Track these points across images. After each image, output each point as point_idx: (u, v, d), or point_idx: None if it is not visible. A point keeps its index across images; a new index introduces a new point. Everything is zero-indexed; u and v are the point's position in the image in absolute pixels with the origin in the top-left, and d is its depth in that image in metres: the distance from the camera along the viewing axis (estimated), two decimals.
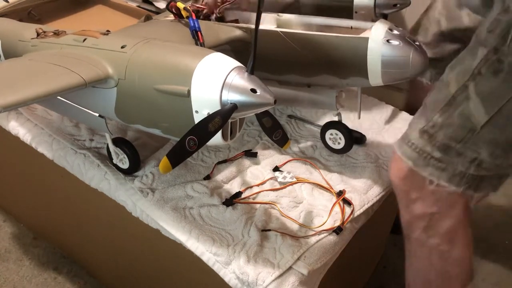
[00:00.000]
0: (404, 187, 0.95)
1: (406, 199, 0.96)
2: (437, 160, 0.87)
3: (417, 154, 0.89)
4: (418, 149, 0.89)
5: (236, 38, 1.04)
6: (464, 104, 0.83)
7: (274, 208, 1.04)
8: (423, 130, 0.88)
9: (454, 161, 0.86)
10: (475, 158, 0.85)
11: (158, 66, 0.84)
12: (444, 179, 0.88)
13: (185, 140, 0.80)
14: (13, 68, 0.92)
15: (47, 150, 1.18)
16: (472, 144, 0.84)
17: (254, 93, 0.79)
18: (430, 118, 0.87)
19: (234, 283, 0.94)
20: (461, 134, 0.84)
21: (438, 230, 0.95)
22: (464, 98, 0.83)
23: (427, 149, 0.88)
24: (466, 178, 0.87)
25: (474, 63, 0.82)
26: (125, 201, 1.07)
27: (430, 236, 0.97)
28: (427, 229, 0.96)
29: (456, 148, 0.85)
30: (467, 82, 0.83)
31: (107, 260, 1.37)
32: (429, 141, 0.87)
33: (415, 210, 0.96)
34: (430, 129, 0.87)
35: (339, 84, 1.03)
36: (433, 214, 0.94)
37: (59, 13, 1.37)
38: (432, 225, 0.95)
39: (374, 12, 1.13)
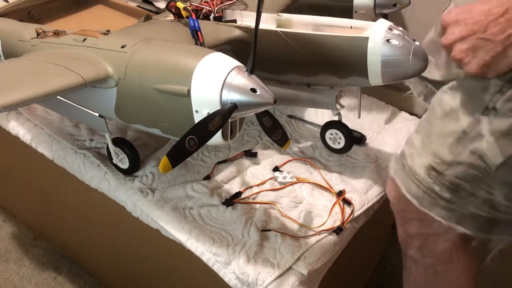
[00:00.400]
0: (399, 206, 0.90)
1: (402, 218, 0.92)
2: (446, 200, 0.80)
3: (423, 193, 0.82)
4: (425, 188, 0.81)
5: (236, 38, 1.04)
6: (477, 141, 0.75)
7: (274, 208, 1.04)
8: (430, 166, 0.80)
9: (463, 201, 0.79)
10: (487, 200, 0.78)
11: (158, 66, 0.84)
12: (453, 220, 0.81)
13: (185, 140, 0.79)
14: (13, 68, 0.92)
15: (47, 150, 1.18)
16: (485, 185, 0.77)
17: (254, 92, 0.79)
18: (437, 153, 0.80)
19: (234, 283, 0.94)
20: (473, 174, 0.77)
21: (433, 251, 0.91)
22: (476, 134, 0.75)
23: (435, 188, 0.80)
24: (477, 220, 0.80)
25: (487, 96, 0.73)
26: (125, 201, 1.07)
27: (425, 256, 0.92)
28: (421, 249, 0.92)
29: (467, 188, 0.78)
30: (480, 116, 0.74)
31: (107, 260, 1.37)
32: (436, 179, 0.80)
33: (410, 229, 0.91)
34: (438, 166, 0.79)
35: (339, 83, 1.03)
36: (428, 235, 0.89)
37: (59, 13, 1.37)
38: (427, 245, 0.91)
39: (374, 12, 1.13)
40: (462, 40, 0.70)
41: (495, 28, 0.67)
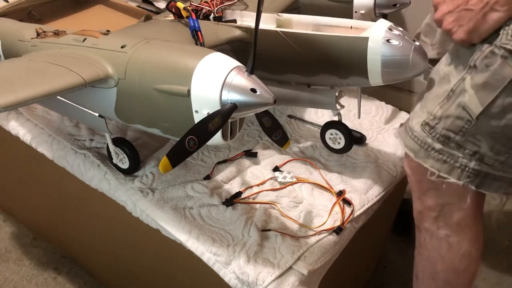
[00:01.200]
0: (416, 177, 0.97)
1: (418, 189, 0.98)
2: (438, 152, 0.89)
3: (418, 146, 0.91)
4: (419, 141, 0.91)
5: (236, 38, 1.04)
6: (461, 96, 0.85)
7: (274, 208, 1.04)
8: (424, 122, 0.90)
9: (454, 153, 0.88)
10: (475, 152, 0.87)
11: (158, 66, 0.84)
12: (445, 171, 0.89)
13: (185, 140, 0.79)
14: (13, 68, 0.92)
15: (47, 150, 1.18)
16: (471, 136, 0.86)
17: (254, 92, 0.79)
18: (430, 110, 0.89)
19: (234, 283, 0.94)
20: (459, 125, 0.86)
21: (448, 221, 0.97)
22: (461, 90, 0.85)
23: (428, 141, 0.90)
24: (467, 172, 0.88)
25: (471, 57, 0.84)
26: (125, 201, 1.07)
27: (440, 227, 0.98)
28: (437, 220, 0.98)
29: (456, 139, 0.87)
30: (465, 75, 0.85)
31: (107, 260, 1.37)
32: (429, 133, 0.89)
33: (427, 200, 0.97)
34: (430, 121, 0.89)
35: (339, 83, 1.03)
36: (444, 205, 0.96)
37: (59, 13, 1.37)
38: (443, 216, 0.97)
39: (374, 12, 1.13)
40: (449, 13, 0.84)
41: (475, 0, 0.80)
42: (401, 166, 1.18)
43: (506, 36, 0.79)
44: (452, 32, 0.84)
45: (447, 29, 0.85)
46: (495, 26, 0.80)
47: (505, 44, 0.79)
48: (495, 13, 0.79)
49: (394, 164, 1.18)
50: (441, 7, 0.85)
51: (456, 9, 0.83)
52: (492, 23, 0.80)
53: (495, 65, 0.80)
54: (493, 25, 0.80)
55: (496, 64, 0.80)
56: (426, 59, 0.93)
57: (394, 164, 1.18)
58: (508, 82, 0.80)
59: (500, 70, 0.80)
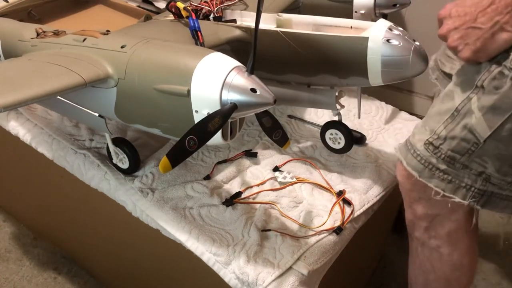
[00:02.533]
0: (407, 186, 0.95)
1: (409, 198, 0.97)
2: (443, 172, 0.86)
3: (422, 166, 0.88)
4: (423, 161, 0.88)
5: (236, 38, 1.04)
6: (467, 117, 0.82)
7: (274, 208, 1.04)
8: (428, 141, 0.87)
9: (460, 173, 0.86)
10: (481, 172, 0.84)
11: (158, 66, 0.83)
12: (450, 191, 0.87)
13: (185, 140, 0.79)
14: (13, 68, 0.92)
15: (47, 150, 1.18)
16: (477, 157, 0.83)
17: (254, 92, 0.79)
18: (434, 129, 0.87)
19: (234, 283, 0.94)
20: (465, 147, 0.83)
21: (439, 232, 0.96)
22: (467, 111, 0.82)
23: (433, 161, 0.87)
24: (473, 191, 0.86)
25: (477, 75, 0.81)
26: (125, 201, 1.07)
27: (431, 237, 0.97)
28: (428, 230, 0.97)
29: (461, 160, 0.85)
30: (471, 94, 0.82)
31: (107, 260, 1.37)
32: (434, 153, 0.87)
33: (417, 210, 0.96)
34: (435, 141, 0.86)
35: (339, 83, 1.03)
36: (434, 216, 0.94)
37: (59, 13, 1.37)
38: (433, 226, 0.96)
39: (374, 12, 1.13)
40: (455, 29, 0.80)
41: (484, 18, 0.77)
42: None
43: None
44: (458, 50, 0.81)
45: (452, 46, 0.81)
46: (505, 46, 0.77)
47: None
48: (505, 33, 0.76)
49: (394, 164, 1.18)
50: (447, 22, 0.81)
51: (462, 26, 0.79)
52: (502, 43, 0.77)
53: (505, 88, 0.77)
54: (503, 45, 0.77)
55: (505, 86, 0.77)
56: (426, 59, 0.93)
57: (394, 164, 1.18)
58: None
59: (510, 93, 0.77)
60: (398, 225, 1.53)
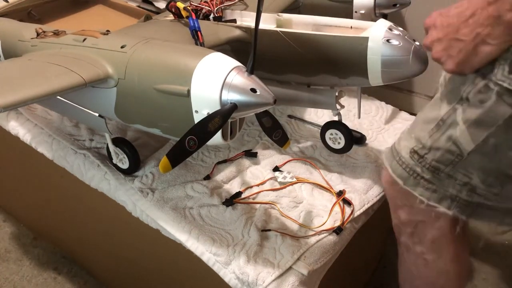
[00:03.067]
0: (391, 192, 0.94)
1: (394, 204, 0.96)
2: (427, 181, 0.85)
3: (407, 174, 0.87)
4: (408, 169, 0.87)
5: (236, 38, 1.04)
6: (452, 128, 0.81)
7: (274, 208, 1.04)
8: (413, 150, 0.86)
9: (444, 183, 0.84)
10: (466, 183, 0.83)
11: (157, 66, 0.83)
12: (435, 200, 0.86)
13: (185, 140, 0.79)
14: (13, 68, 0.92)
15: (47, 150, 1.18)
16: (461, 168, 0.82)
17: (254, 92, 0.79)
18: (419, 138, 0.85)
19: (234, 283, 0.94)
20: (449, 158, 0.82)
21: (422, 239, 0.94)
22: (452, 121, 0.81)
23: (417, 169, 0.86)
24: (458, 201, 0.84)
25: (463, 86, 0.79)
26: (125, 201, 1.07)
27: (415, 243, 0.95)
28: (412, 236, 0.95)
29: (446, 171, 0.83)
30: (456, 105, 0.80)
31: (107, 260, 1.37)
32: (419, 162, 0.85)
33: (401, 216, 0.94)
34: (419, 150, 0.85)
35: (339, 83, 1.03)
36: (418, 222, 0.93)
37: (59, 13, 1.37)
38: (417, 232, 0.94)
39: (374, 12, 1.13)
40: (439, 40, 0.77)
41: (466, 29, 0.73)
42: None
43: (502, 71, 0.73)
44: (442, 61, 0.77)
45: (436, 57, 0.78)
46: (488, 59, 0.74)
47: (501, 81, 0.73)
48: (487, 46, 0.72)
49: None
50: (431, 33, 0.78)
51: (445, 37, 0.76)
52: (484, 56, 0.73)
53: (490, 102, 0.75)
54: (485, 58, 0.73)
55: (490, 101, 0.75)
56: (426, 59, 0.93)
57: None
58: (502, 121, 0.75)
59: (495, 107, 0.75)
60: None
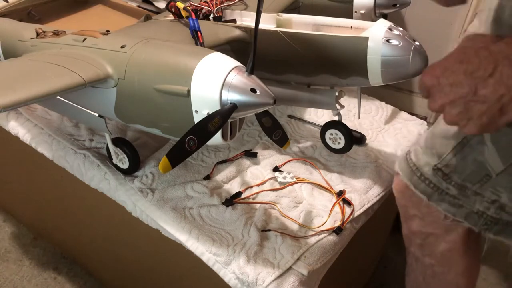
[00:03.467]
0: (403, 201, 0.93)
1: (405, 214, 0.95)
2: (453, 197, 0.82)
3: (431, 190, 0.84)
4: (432, 185, 0.84)
5: (236, 38, 1.04)
6: (479, 149, 0.78)
7: (274, 208, 1.04)
8: (436, 167, 0.83)
9: (471, 199, 0.81)
10: (495, 200, 0.80)
11: (157, 66, 0.83)
12: (461, 216, 0.83)
13: (185, 140, 0.79)
14: (13, 68, 0.92)
15: (47, 150, 1.18)
16: (490, 187, 0.79)
17: (254, 93, 0.79)
18: (442, 155, 0.82)
19: (234, 283, 0.94)
20: (477, 178, 0.80)
21: (433, 251, 0.93)
22: (478, 142, 0.78)
23: (443, 186, 0.83)
24: (485, 218, 0.82)
25: None
26: (125, 201, 1.07)
27: (425, 255, 0.95)
28: (422, 247, 0.94)
29: (473, 188, 0.81)
30: None
31: (107, 260, 1.37)
32: (444, 179, 0.83)
33: (412, 226, 0.94)
34: (444, 168, 0.82)
35: (339, 83, 1.03)
36: (428, 234, 0.92)
37: (59, 13, 1.37)
38: (427, 244, 0.93)
39: (374, 12, 1.13)
40: (452, 104, 0.66)
41: (487, 90, 0.63)
42: None
43: None
44: (461, 126, 0.67)
45: (452, 122, 0.68)
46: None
47: None
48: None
49: (394, 164, 1.18)
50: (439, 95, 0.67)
51: (459, 100, 0.65)
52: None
53: None
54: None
55: None
56: (426, 59, 0.93)
57: (394, 164, 1.18)
58: None
59: None
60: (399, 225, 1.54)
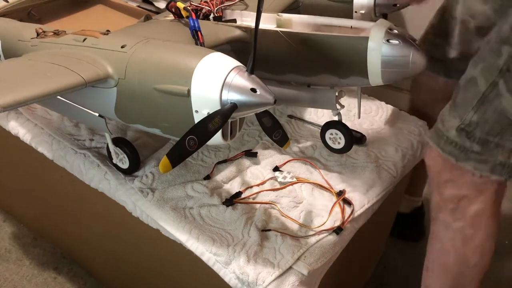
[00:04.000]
0: (436, 168, 0.99)
1: (438, 181, 1.01)
2: (478, 153, 0.92)
3: (458, 151, 0.94)
4: (458, 146, 0.93)
5: (236, 38, 1.04)
6: (497, 100, 0.87)
7: (274, 208, 1.04)
8: (459, 128, 0.92)
9: (494, 152, 0.91)
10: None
11: (158, 65, 0.84)
12: (487, 170, 0.92)
13: (185, 140, 0.79)
14: (13, 68, 0.92)
15: (47, 150, 1.18)
16: (509, 136, 0.89)
17: (254, 92, 0.79)
18: (464, 116, 0.92)
19: (234, 283, 0.94)
20: (498, 128, 0.89)
21: (465, 213, 0.99)
22: (495, 95, 0.87)
23: (467, 144, 0.92)
24: (507, 167, 0.91)
25: (501, 61, 0.85)
26: (125, 201, 1.07)
27: (456, 219, 1.00)
28: (454, 212, 1.00)
29: (495, 141, 0.90)
30: (496, 79, 0.86)
31: (107, 260, 1.37)
32: (467, 137, 0.92)
33: (445, 192, 1.00)
34: (466, 127, 0.92)
35: (339, 84, 1.03)
36: (462, 197, 0.98)
37: (59, 13, 1.37)
38: (460, 207, 0.99)
39: (374, 12, 1.13)
40: None
41: None
42: (401, 166, 1.18)
43: None
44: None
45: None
46: None
47: None
48: None
49: (394, 164, 1.18)
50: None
51: None
52: None
53: None
54: None
55: None
56: (426, 59, 0.93)
57: (394, 164, 1.18)
58: None
59: None
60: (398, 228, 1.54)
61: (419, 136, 1.28)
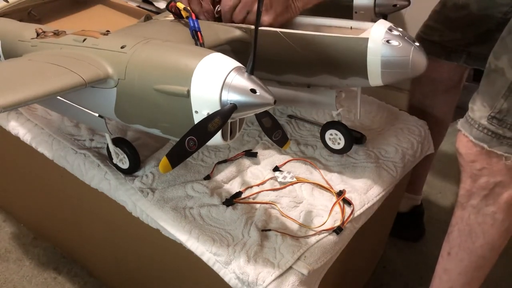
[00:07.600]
0: (470, 157, 1.02)
1: (471, 169, 1.03)
2: (510, 139, 0.96)
3: (490, 137, 0.97)
4: (490, 132, 0.97)
5: (236, 38, 1.04)
6: None
7: (274, 208, 1.04)
8: (491, 116, 0.97)
9: None
10: None
11: (157, 66, 0.84)
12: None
13: (184, 140, 0.80)
14: (13, 68, 0.92)
15: (47, 150, 1.18)
16: None
17: (254, 93, 0.79)
18: (494, 105, 0.96)
19: (234, 283, 0.94)
20: None
21: (498, 199, 1.02)
22: None
23: (499, 131, 0.96)
24: None
25: None
26: (125, 201, 1.07)
27: (489, 204, 1.03)
28: (487, 198, 1.03)
29: None
30: None
31: (107, 260, 1.37)
32: (499, 125, 0.96)
33: (479, 179, 1.02)
34: (497, 115, 0.96)
35: (339, 84, 1.03)
36: (497, 183, 1.01)
37: (59, 13, 1.37)
38: (493, 194, 1.02)
39: (374, 12, 1.13)
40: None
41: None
42: (401, 166, 1.18)
43: None
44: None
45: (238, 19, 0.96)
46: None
47: None
48: None
49: (394, 164, 1.18)
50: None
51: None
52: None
53: None
54: None
55: None
56: (426, 59, 0.93)
57: (394, 164, 1.18)
58: None
59: None
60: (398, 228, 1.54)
61: (419, 136, 1.28)
